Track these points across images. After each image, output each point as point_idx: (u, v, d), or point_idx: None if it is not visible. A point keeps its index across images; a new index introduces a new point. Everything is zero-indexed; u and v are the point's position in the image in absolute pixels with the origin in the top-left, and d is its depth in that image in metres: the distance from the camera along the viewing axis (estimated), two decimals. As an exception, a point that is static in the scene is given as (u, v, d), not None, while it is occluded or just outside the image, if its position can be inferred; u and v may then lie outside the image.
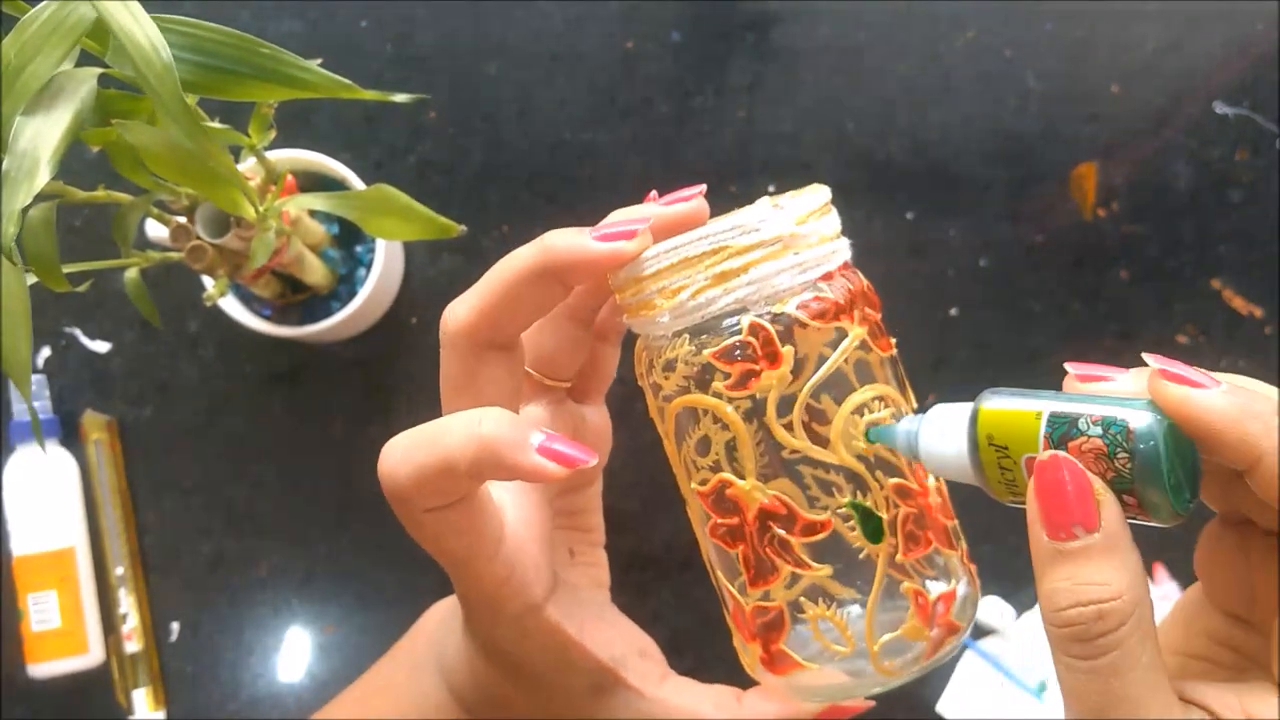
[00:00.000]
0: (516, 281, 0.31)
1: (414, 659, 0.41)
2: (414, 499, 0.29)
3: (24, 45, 0.32)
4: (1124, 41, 0.62)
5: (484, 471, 0.28)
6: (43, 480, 0.58)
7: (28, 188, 0.32)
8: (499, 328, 0.32)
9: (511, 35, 0.61)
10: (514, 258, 0.31)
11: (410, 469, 0.28)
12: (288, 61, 0.37)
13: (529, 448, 0.27)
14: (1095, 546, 0.25)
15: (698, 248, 0.30)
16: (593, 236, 0.31)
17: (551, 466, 0.27)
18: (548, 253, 0.31)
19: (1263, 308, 0.61)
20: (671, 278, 0.30)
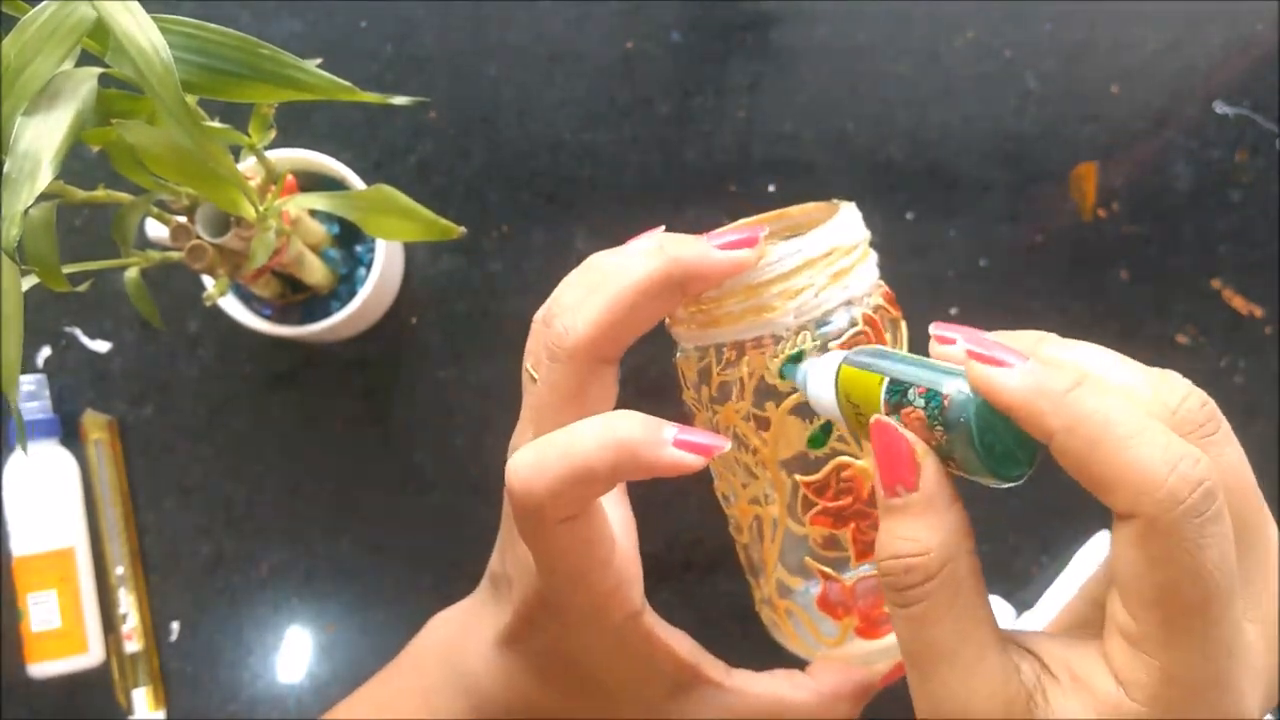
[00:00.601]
0: (641, 293, 0.31)
1: (425, 683, 0.40)
2: (550, 510, 0.29)
3: (24, 45, 0.32)
4: (1124, 41, 0.62)
5: (623, 473, 0.28)
6: (43, 480, 0.58)
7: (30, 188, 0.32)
8: (620, 342, 0.32)
9: (511, 35, 0.61)
10: (634, 269, 0.31)
11: (548, 480, 0.28)
12: (287, 63, 0.37)
13: (666, 443, 0.28)
14: (912, 505, 0.27)
15: (816, 248, 0.33)
16: (714, 245, 0.32)
17: (690, 457, 0.28)
18: (675, 264, 0.31)
19: (1263, 308, 0.61)
20: (794, 279, 0.33)
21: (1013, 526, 0.61)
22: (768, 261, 0.32)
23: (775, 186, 0.61)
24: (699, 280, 0.31)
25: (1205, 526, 0.24)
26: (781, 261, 0.32)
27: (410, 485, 0.61)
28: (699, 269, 0.31)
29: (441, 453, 0.61)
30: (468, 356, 0.61)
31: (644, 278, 0.31)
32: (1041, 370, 0.26)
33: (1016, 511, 0.61)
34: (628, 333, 0.32)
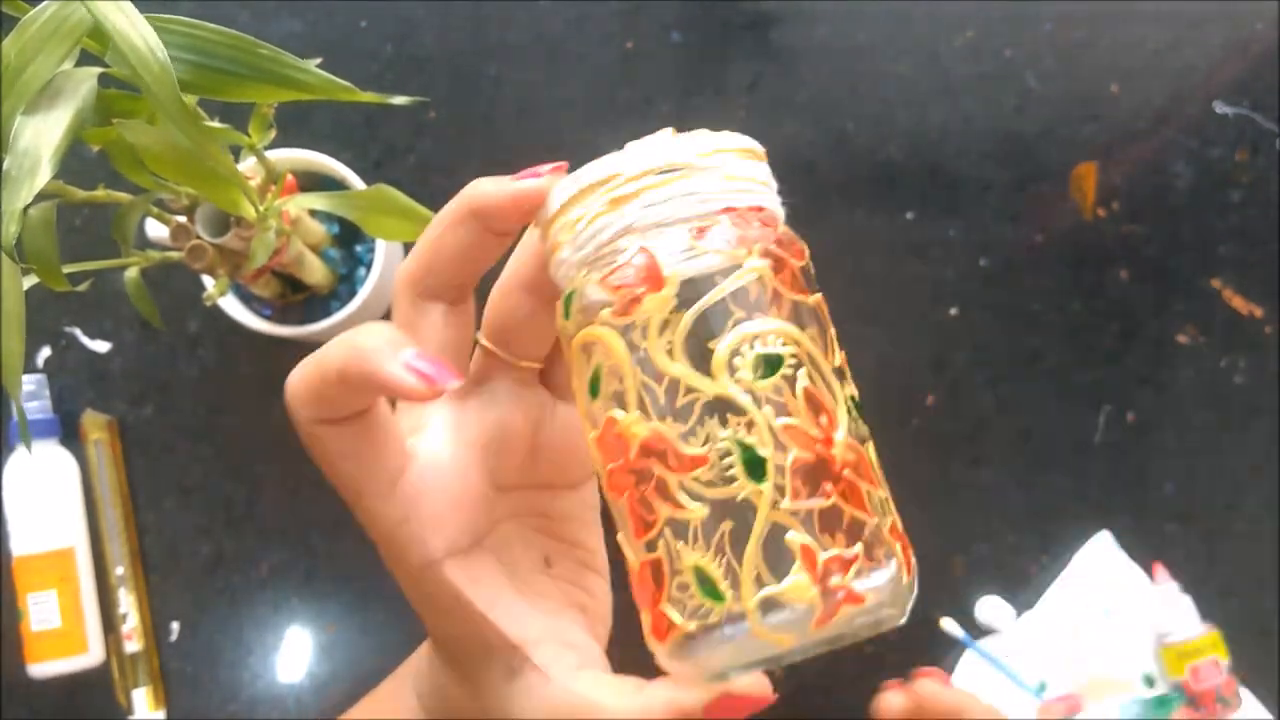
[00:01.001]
0: (444, 227, 0.32)
1: (398, 675, 0.41)
2: (299, 408, 0.30)
3: (24, 45, 0.32)
4: (1124, 41, 0.62)
5: (351, 378, 0.28)
6: (43, 480, 0.58)
7: (29, 187, 0.32)
8: (432, 274, 0.32)
9: (511, 35, 0.61)
10: (445, 207, 0.32)
11: (300, 379, 0.30)
12: (287, 63, 0.37)
13: (394, 359, 0.28)
14: None
15: (595, 174, 0.30)
16: (511, 178, 0.31)
17: (411, 380, 0.28)
18: (468, 195, 0.31)
19: (1263, 308, 0.61)
20: (570, 210, 0.30)
21: (1013, 527, 0.61)
22: (557, 191, 0.30)
23: (774, 186, 0.61)
24: (497, 212, 0.31)
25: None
26: (563, 191, 0.30)
27: (410, 485, 0.61)
28: (492, 197, 0.31)
29: (441, 453, 0.61)
30: (468, 356, 0.61)
31: (447, 212, 0.32)
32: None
33: (1017, 511, 0.61)
34: (440, 265, 0.32)
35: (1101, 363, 0.61)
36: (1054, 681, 0.60)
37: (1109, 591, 0.60)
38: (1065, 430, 0.62)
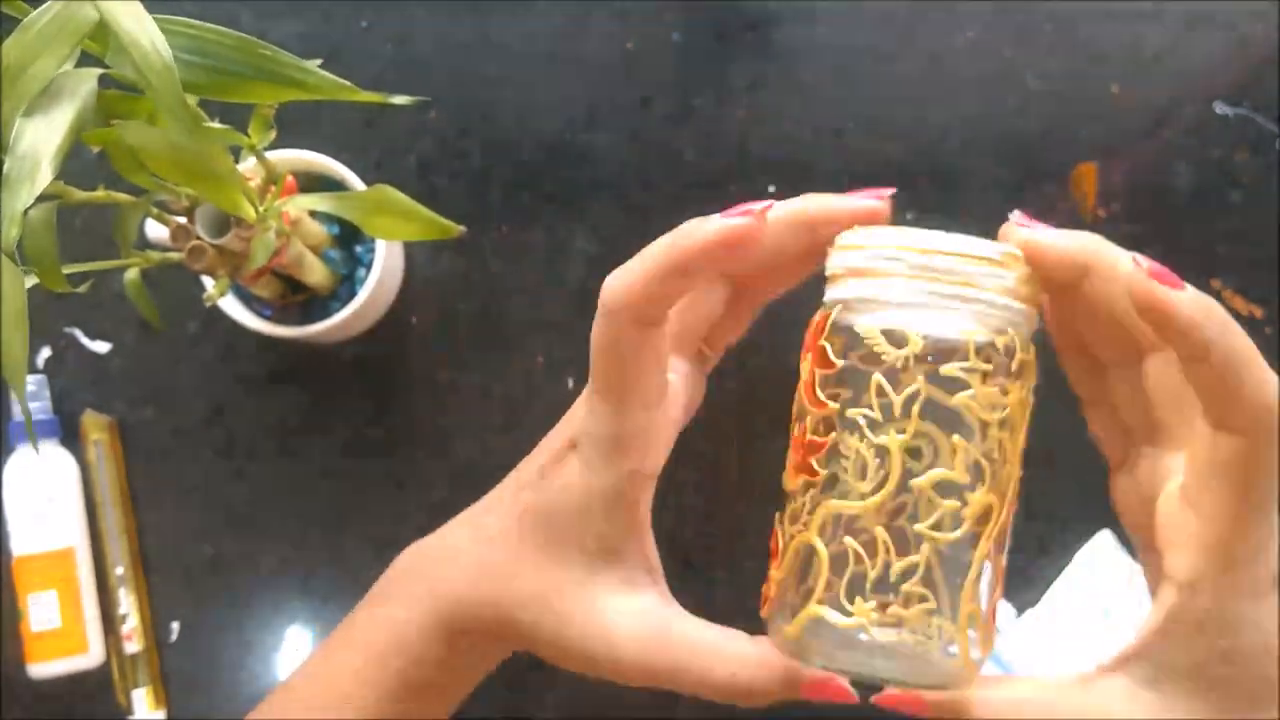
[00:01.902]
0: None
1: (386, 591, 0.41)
2: (624, 308, 0.32)
3: (25, 46, 0.32)
4: (1124, 41, 0.62)
5: (687, 259, 0.32)
6: (43, 480, 0.58)
7: (29, 189, 0.32)
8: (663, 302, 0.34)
9: (511, 35, 0.61)
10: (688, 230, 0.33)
11: (627, 279, 0.32)
12: (288, 63, 0.37)
13: (713, 220, 0.32)
14: None
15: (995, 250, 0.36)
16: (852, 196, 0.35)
17: (736, 222, 0.32)
18: (811, 202, 0.35)
19: (1263, 308, 0.61)
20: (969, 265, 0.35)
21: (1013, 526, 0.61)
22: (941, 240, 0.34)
23: (775, 186, 0.61)
24: (837, 220, 0.35)
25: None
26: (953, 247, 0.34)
27: (410, 485, 0.61)
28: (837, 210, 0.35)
29: (441, 453, 0.61)
30: (468, 356, 0.61)
31: (684, 255, 0.33)
32: (1204, 297, 0.32)
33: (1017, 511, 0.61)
34: (674, 292, 0.34)
35: (1101, 363, 0.61)
36: (1054, 681, 0.60)
37: (1109, 591, 0.60)
38: (1065, 430, 0.62)
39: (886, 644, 0.33)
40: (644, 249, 0.32)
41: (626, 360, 0.33)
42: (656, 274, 0.32)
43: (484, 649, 0.41)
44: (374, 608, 0.41)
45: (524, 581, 0.38)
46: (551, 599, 0.37)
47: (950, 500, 0.33)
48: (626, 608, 0.37)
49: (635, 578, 0.37)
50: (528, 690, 0.59)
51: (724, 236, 0.32)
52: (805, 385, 0.35)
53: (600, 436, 0.35)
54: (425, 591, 0.40)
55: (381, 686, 0.40)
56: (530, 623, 0.37)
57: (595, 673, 0.38)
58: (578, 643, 0.37)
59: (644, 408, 0.35)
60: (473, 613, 0.39)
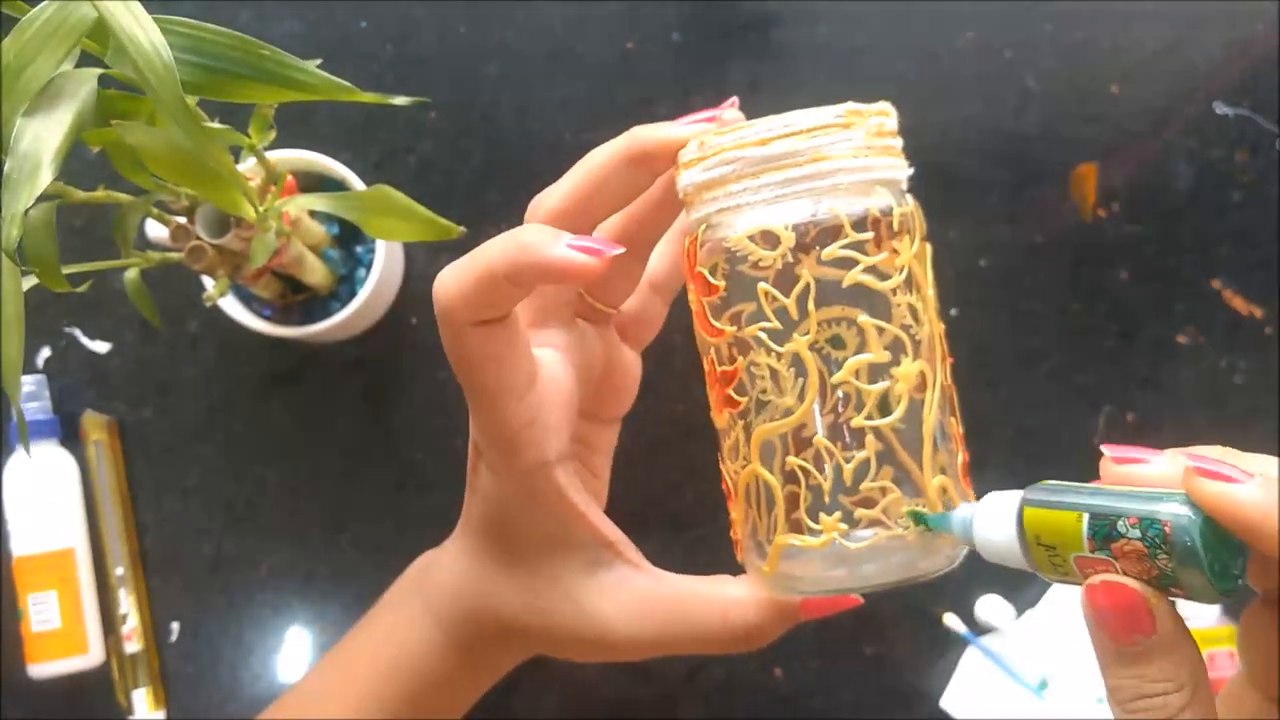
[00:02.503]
0: (606, 166, 0.34)
1: (393, 596, 0.42)
2: (459, 311, 0.31)
3: (24, 46, 0.32)
4: (1124, 42, 0.62)
5: (522, 273, 0.30)
6: (43, 480, 0.58)
7: (30, 189, 0.32)
8: (584, 211, 0.34)
9: (511, 35, 0.61)
10: (602, 148, 0.34)
11: (456, 282, 0.31)
12: (287, 63, 0.37)
13: (560, 244, 0.30)
14: (1156, 647, 0.27)
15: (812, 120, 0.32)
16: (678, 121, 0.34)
17: (582, 258, 0.30)
18: (634, 139, 0.33)
19: (1263, 308, 0.61)
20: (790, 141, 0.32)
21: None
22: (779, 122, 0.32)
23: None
24: (661, 154, 0.33)
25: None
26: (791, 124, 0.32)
27: (410, 485, 0.61)
28: (660, 142, 0.33)
29: (441, 453, 0.61)
30: (468, 357, 0.61)
31: (611, 152, 0.34)
32: (1275, 482, 0.26)
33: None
34: (595, 203, 0.34)
35: (1101, 363, 0.61)
36: (1055, 680, 0.60)
37: (1109, 591, 0.60)
38: (1065, 430, 0.62)
39: (864, 549, 0.31)
40: (481, 247, 0.31)
41: (476, 362, 0.33)
42: (488, 280, 0.31)
43: (489, 657, 0.41)
44: (383, 617, 0.42)
45: (503, 590, 0.38)
46: (531, 599, 0.37)
47: (879, 383, 0.31)
48: (601, 587, 0.36)
49: (597, 556, 0.37)
50: (526, 691, 0.59)
51: (565, 267, 0.30)
52: (698, 316, 0.33)
53: (488, 441, 0.35)
54: (421, 606, 0.40)
55: (392, 693, 0.40)
56: (523, 627, 0.38)
57: (595, 658, 0.38)
58: (569, 634, 0.37)
59: (517, 401, 0.33)
60: (465, 625, 0.39)
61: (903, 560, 0.32)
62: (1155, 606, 0.27)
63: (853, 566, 0.32)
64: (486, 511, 0.37)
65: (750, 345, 0.32)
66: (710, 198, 0.32)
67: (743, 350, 0.32)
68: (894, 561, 0.32)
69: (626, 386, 0.41)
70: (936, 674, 0.60)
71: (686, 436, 0.60)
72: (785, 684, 0.60)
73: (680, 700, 0.60)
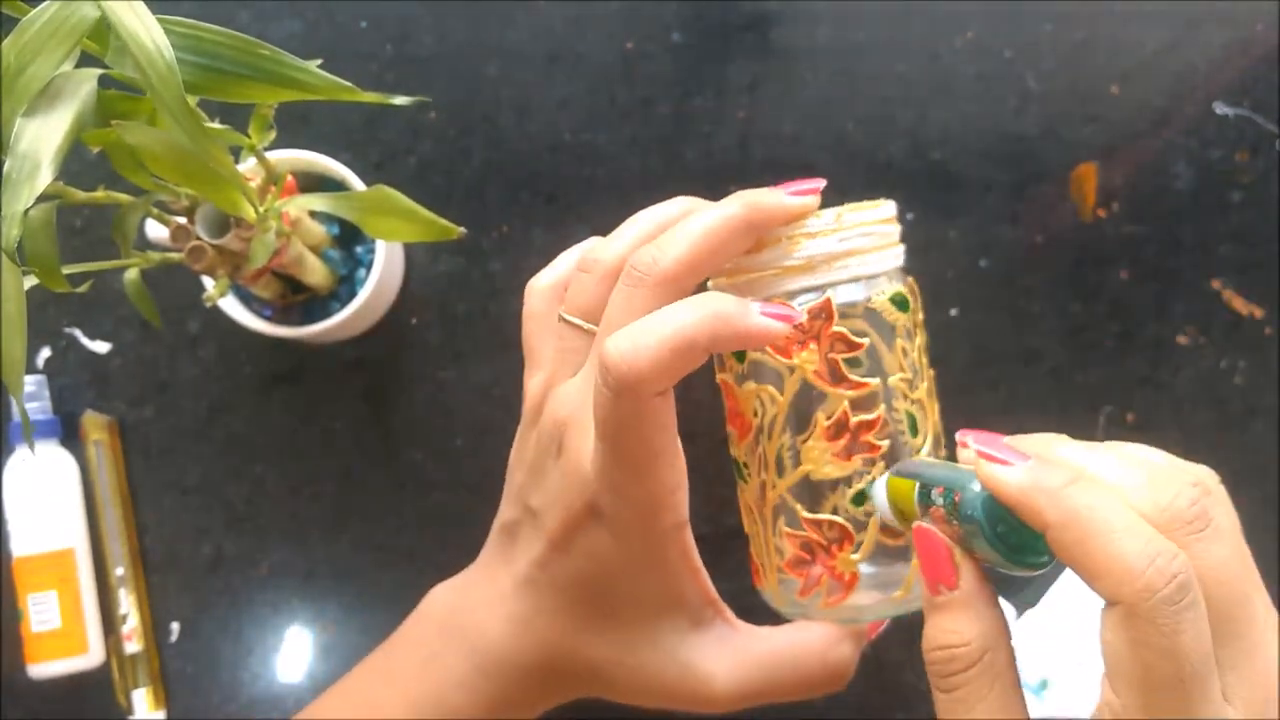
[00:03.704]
0: (726, 232, 0.35)
1: (423, 652, 0.41)
2: (650, 381, 0.32)
3: (24, 46, 0.32)
4: (1124, 42, 0.62)
5: (721, 340, 0.32)
6: (43, 480, 0.58)
7: (30, 189, 0.32)
8: (699, 274, 0.36)
9: (511, 35, 0.61)
10: (717, 211, 0.35)
11: (651, 351, 0.31)
12: (288, 63, 0.37)
13: (754, 313, 0.32)
14: (954, 601, 0.30)
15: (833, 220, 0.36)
16: (786, 192, 0.35)
17: (777, 325, 0.32)
18: (751, 208, 0.35)
19: (1263, 308, 0.61)
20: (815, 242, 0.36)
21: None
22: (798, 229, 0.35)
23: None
24: (772, 223, 0.35)
25: (1180, 614, 0.27)
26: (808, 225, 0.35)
27: (410, 485, 0.61)
28: (773, 211, 0.35)
29: (441, 453, 0.61)
30: (468, 356, 0.61)
31: (728, 219, 0.35)
32: (1040, 468, 0.29)
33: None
34: (707, 266, 0.35)
35: (1101, 363, 0.61)
36: (1056, 680, 0.60)
37: (1109, 591, 0.60)
38: (1065, 430, 0.62)
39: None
40: (662, 316, 0.32)
41: (650, 431, 0.33)
42: (687, 350, 0.31)
43: (538, 706, 0.41)
44: (410, 663, 0.41)
45: (595, 647, 0.38)
46: (625, 657, 0.38)
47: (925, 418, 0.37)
48: (704, 647, 0.38)
49: (700, 615, 0.38)
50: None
51: (763, 335, 0.32)
52: (818, 375, 0.35)
53: (628, 505, 0.35)
54: (461, 655, 0.40)
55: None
56: (607, 680, 0.38)
57: (684, 709, 0.39)
58: (664, 690, 0.38)
59: (670, 466, 0.35)
60: (525, 679, 0.39)
61: None
62: (960, 564, 0.30)
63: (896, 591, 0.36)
64: (586, 570, 0.37)
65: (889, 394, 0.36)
66: (842, 265, 0.35)
67: (874, 403, 0.36)
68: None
69: None
70: (936, 674, 0.60)
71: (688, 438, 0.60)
72: (785, 684, 0.60)
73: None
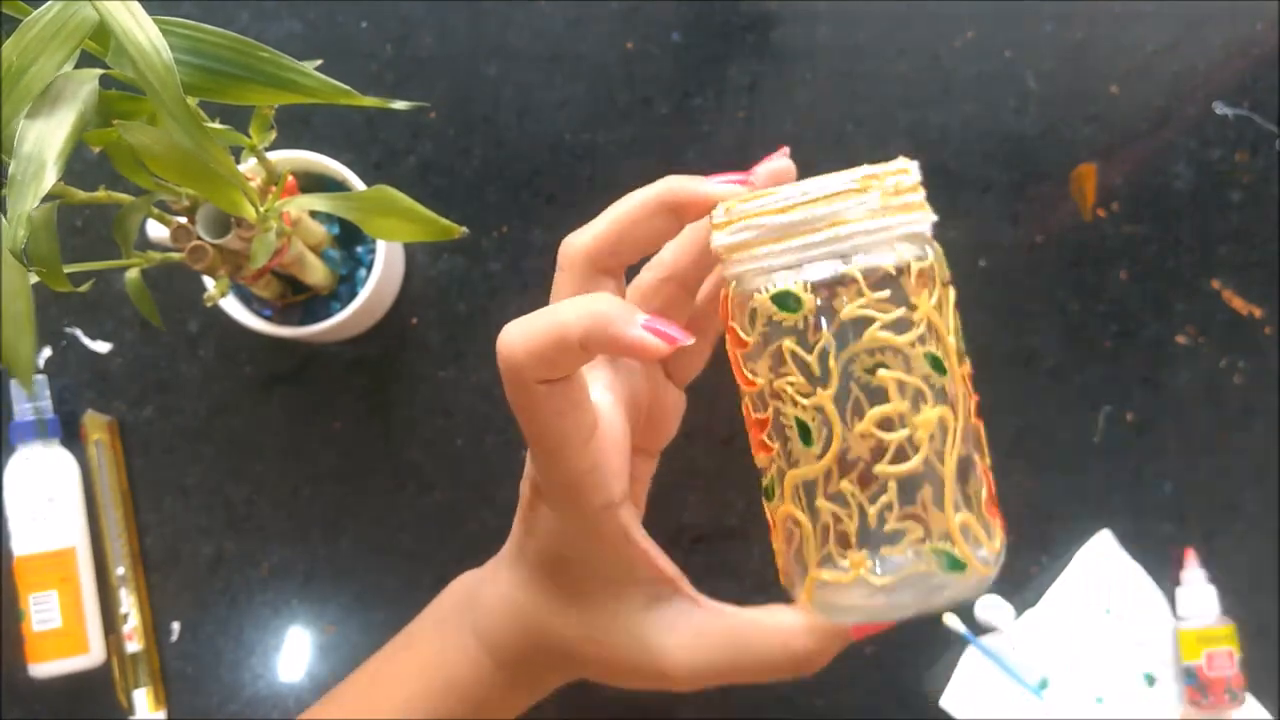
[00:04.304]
0: (639, 211, 0.36)
1: (439, 617, 0.43)
2: (528, 369, 0.32)
3: (26, 47, 0.32)
4: (1123, 42, 0.62)
5: (593, 343, 0.31)
6: (43, 480, 0.58)
7: (34, 190, 0.32)
8: (615, 253, 0.36)
9: (511, 36, 0.61)
10: (637, 194, 0.36)
11: (526, 341, 0.32)
12: (287, 66, 0.37)
13: (635, 324, 0.31)
14: None
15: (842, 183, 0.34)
16: (717, 181, 0.36)
17: (654, 341, 0.31)
18: (668, 189, 0.35)
19: (1263, 308, 0.61)
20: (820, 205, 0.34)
21: (1013, 526, 0.61)
22: (798, 190, 0.34)
23: (775, 187, 0.61)
24: (693, 207, 0.35)
25: None
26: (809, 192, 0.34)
27: (410, 485, 0.61)
28: (692, 195, 0.35)
29: (441, 453, 0.61)
30: (468, 356, 0.61)
31: (643, 199, 0.35)
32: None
33: (1016, 511, 0.61)
34: (626, 244, 0.36)
35: (1101, 363, 0.61)
36: (1055, 679, 0.60)
37: (1109, 591, 0.60)
38: (1065, 430, 0.62)
39: (891, 583, 0.33)
40: (551, 310, 0.32)
41: (540, 416, 0.33)
42: (559, 343, 0.31)
43: (539, 683, 0.42)
44: (428, 640, 0.42)
45: (562, 623, 0.38)
46: (590, 633, 0.38)
47: (898, 431, 0.33)
48: (661, 622, 0.38)
49: (657, 592, 0.38)
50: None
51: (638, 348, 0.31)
52: (733, 365, 0.36)
53: (551, 486, 0.36)
54: (469, 632, 0.41)
55: (438, 697, 0.41)
56: (581, 658, 0.39)
57: (653, 688, 0.39)
58: (628, 666, 0.38)
59: (579, 450, 0.34)
60: (519, 654, 0.40)
61: (929, 588, 0.34)
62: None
63: (886, 598, 0.34)
64: (545, 549, 0.38)
65: (777, 396, 0.34)
66: (738, 258, 0.34)
67: (770, 401, 0.34)
68: (920, 590, 0.34)
69: (669, 421, 0.42)
70: (936, 674, 0.60)
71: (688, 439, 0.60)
72: (785, 684, 0.60)
73: (680, 700, 0.60)
